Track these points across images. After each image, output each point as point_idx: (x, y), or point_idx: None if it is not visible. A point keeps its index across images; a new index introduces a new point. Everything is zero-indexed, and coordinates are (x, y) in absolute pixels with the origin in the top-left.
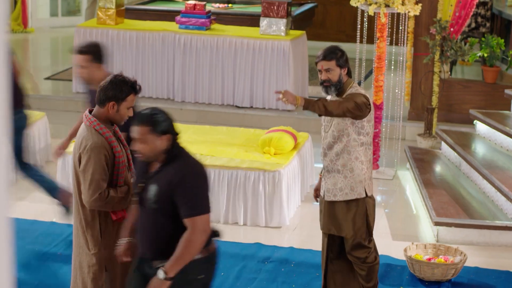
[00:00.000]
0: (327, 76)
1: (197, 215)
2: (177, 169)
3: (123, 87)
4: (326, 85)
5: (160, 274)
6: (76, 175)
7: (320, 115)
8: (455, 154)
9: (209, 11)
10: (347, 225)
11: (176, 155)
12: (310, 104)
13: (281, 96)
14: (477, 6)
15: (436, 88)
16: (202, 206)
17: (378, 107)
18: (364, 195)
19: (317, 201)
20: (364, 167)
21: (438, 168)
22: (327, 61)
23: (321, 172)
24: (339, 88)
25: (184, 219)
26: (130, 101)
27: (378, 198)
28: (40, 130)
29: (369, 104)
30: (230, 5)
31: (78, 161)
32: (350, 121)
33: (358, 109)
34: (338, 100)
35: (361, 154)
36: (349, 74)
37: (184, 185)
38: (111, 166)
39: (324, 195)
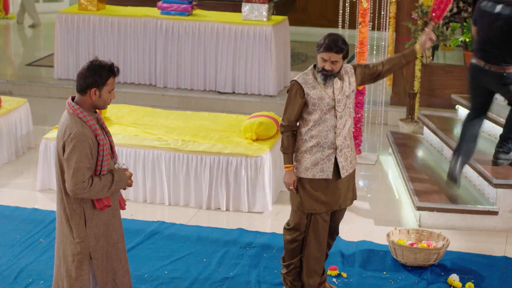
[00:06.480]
0: (331, 67)
1: None
2: None
3: (102, 72)
4: (326, 74)
5: None
6: (60, 163)
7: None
8: (437, 139)
9: None
10: (355, 191)
11: None
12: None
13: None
14: None
15: (418, 73)
16: None
17: (360, 92)
18: None
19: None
20: None
21: (420, 153)
22: (336, 53)
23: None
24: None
25: None
26: (110, 84)
27: (360, 183)
28: (22, 116)
29: None
30: None
31: (62, 149)
32: (354, 93)
33: None
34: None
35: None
36: None
37: None
38: (95, 154)
39: (343, 173)
